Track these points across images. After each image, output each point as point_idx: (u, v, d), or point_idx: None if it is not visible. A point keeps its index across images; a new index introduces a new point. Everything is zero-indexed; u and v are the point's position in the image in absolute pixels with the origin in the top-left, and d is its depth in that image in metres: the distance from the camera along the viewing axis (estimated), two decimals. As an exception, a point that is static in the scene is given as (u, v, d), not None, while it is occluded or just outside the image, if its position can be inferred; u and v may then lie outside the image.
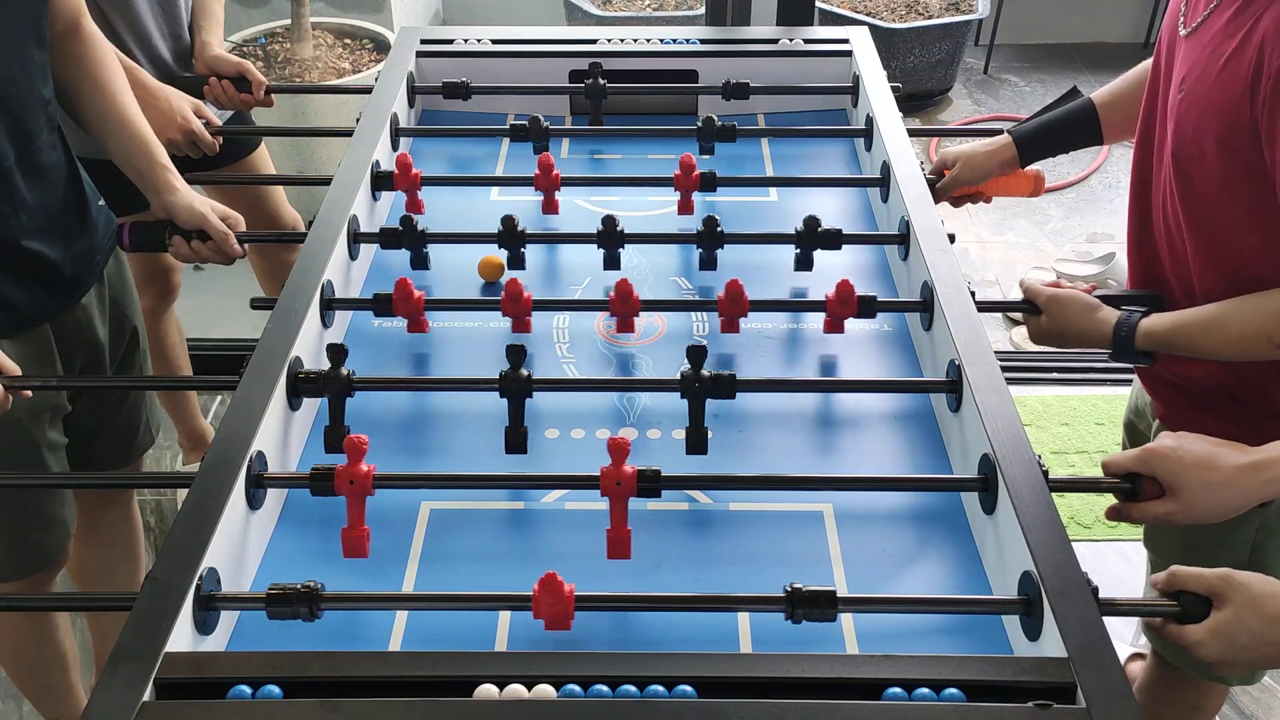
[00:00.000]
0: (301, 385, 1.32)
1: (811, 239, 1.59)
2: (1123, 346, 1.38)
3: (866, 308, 1.47)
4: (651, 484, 1.17)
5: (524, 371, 1.30)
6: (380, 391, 1.44)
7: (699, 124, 1.85)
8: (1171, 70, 1.36)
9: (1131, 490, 1.16)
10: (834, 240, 1.60)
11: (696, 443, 1.31)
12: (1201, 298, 1.36)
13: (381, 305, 1.47)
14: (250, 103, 2.07)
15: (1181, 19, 1.34)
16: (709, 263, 1.62)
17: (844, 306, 1.46)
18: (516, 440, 1.31)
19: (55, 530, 1.66)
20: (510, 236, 1.59)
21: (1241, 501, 1.12)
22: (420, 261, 1.64)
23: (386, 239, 1.61)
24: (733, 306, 1.46)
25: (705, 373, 1.30)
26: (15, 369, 1.35)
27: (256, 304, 1.52)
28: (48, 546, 1.66)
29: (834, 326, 1.49)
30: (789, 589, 1.05)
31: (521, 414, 1.32)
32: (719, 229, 1.59)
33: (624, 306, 1.46)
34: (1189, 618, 1.03)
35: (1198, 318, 1.34)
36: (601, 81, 1.94)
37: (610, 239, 1.59)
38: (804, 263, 1.62)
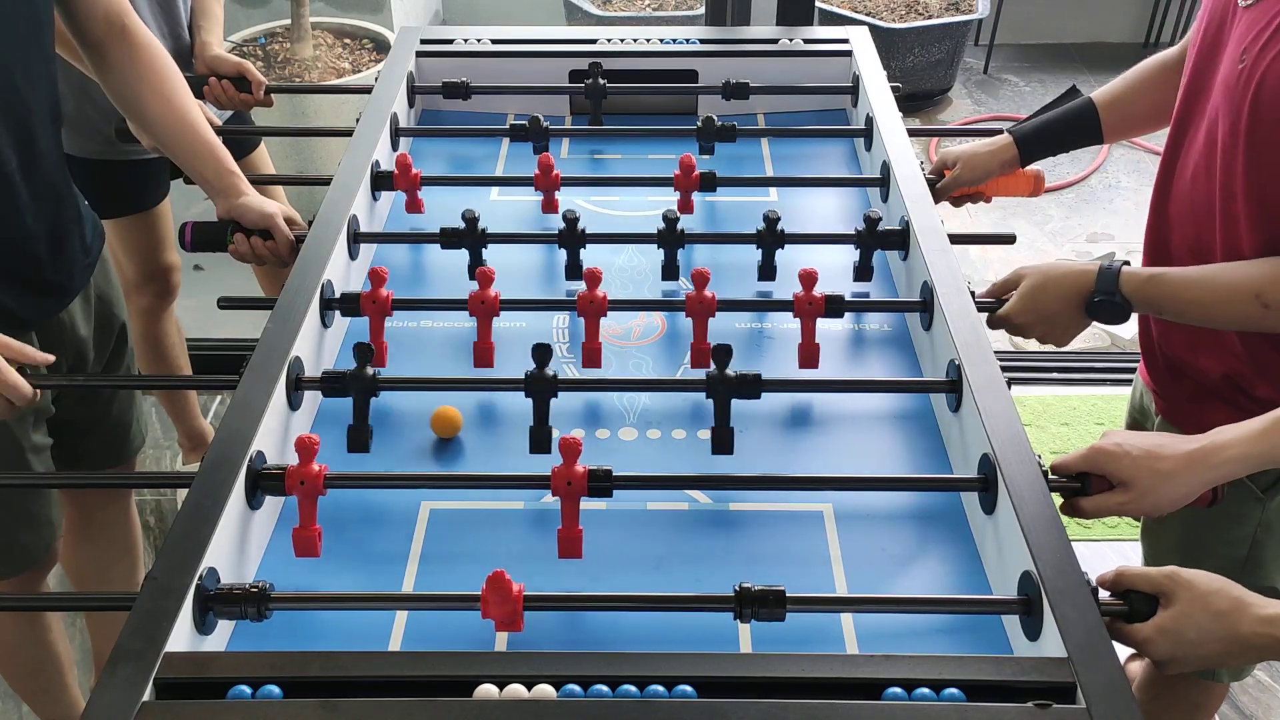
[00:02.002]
0: (327, 385, 1.32)
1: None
2: (1107, 282, 1.37)
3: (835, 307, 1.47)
4: (603, 484, 1.17)
5: (549, 371, 1.30)
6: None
7: (699, 124, 1.85)
8: (1225, 42, 1.34)
9: (1081, 489, 1.18)
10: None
11: (722, 442, 1.30)
12: None
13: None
14: (250, 103, 2.07)
15: None
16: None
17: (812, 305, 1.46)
18: (541, 439, 1.31)
19: (40, 531, 1.66)
20: (572, 234, 1.60)
21: (1191, 488, 1.15)
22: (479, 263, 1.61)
23: (447, 239, 1.61)
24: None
25: (731, 373, 1.30)
26: (47, 359, 1.34)
27: (224, 303, 1.53)
28: (32, 547, 1.65)
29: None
30: (737, 589, 1.05)
31: (546, 413, 1.31)
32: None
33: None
34: (1137, 616, 1.04)
35: (1183, 271, 1.35)
36: (601, 81, 1.94)
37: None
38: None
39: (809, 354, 1.44)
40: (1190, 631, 1.01)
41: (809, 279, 1.43)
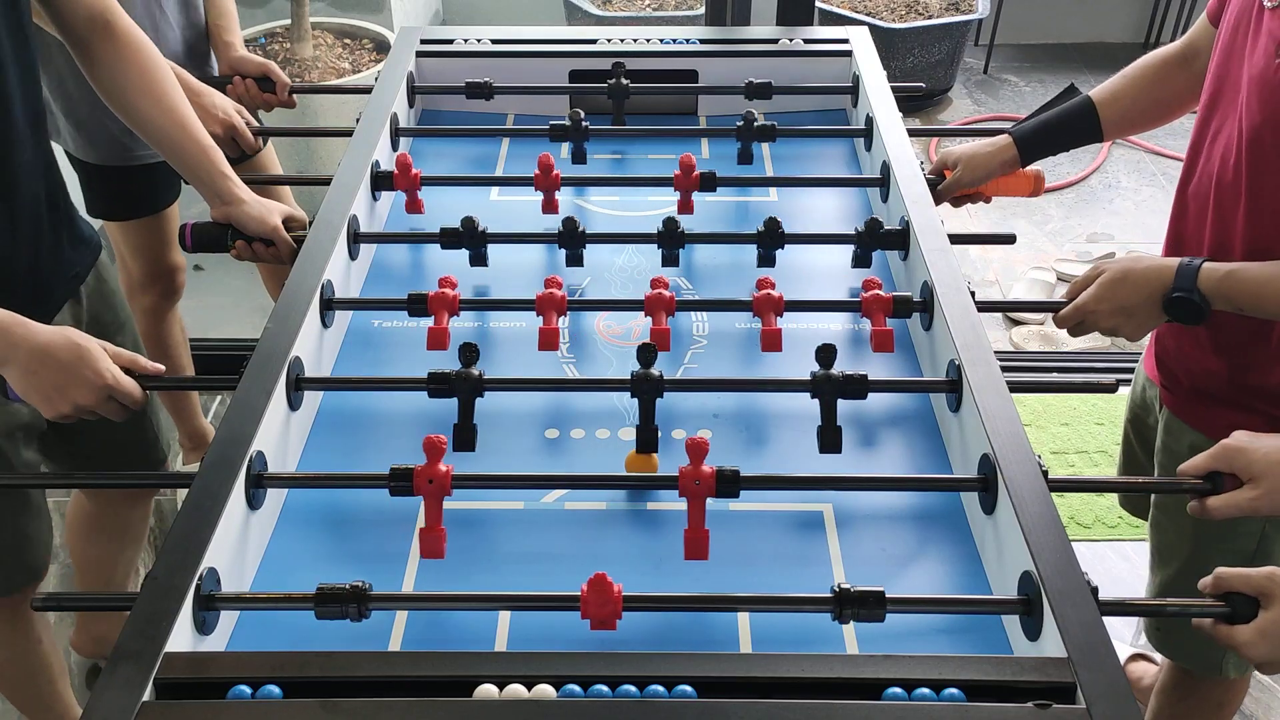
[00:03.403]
0: (432, 386, 1.32)
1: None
2: (1185, 278, 1.36)
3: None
4: (731, 484, 1.17)
5: (656, 372, 1.30)
6: (377, 391, 1.44)
7: (739, 124, 1.85)
8: (1251, 39, 1.35)
9: (1211, 490, 1.17)
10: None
11: (831, 442, 1.30)
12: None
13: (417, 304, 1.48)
14: (273, 103, 2.08)
15: None
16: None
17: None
18: (648, 439, 1.30)
19: (35, 551, 1.64)
20: (571, 236, 1.60)
21: None
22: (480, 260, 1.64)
23: (447, 239, 1.62)
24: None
25: (836, 373, 1.30)
26: (158, 368, 1.35)
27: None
28: (31, 565, 1.64)
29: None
30: (836, 589, 1.05)
31: (652, 413, 1.31)
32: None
33: (660, 303, 1.47)
34: (1238, 618, 1.03)
35: (1260, 267, 1.35)
36: (624, 81, 1.94)
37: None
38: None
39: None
40: None
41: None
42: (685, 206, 1.75)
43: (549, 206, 1.78)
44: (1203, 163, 1.44)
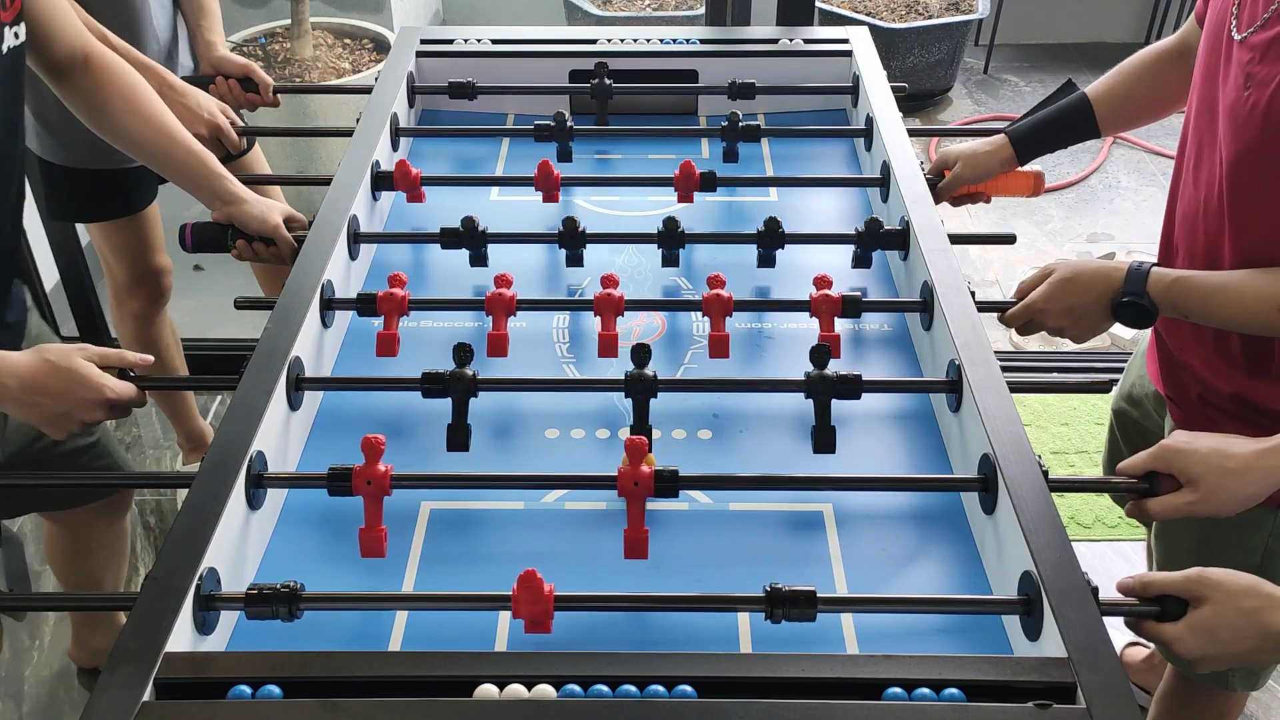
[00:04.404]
0: (426, 386, 1.32)
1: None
2: (1134, 283, 1.36)
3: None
4: (669, 484, 1.17)
5: (650, 372, 1.30)
6: (377, 391, 1.44)
7: (724, 123, 1.84)
8: (1228, 71, 1.35)
9: (1149, 490, 1.17)
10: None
11: (824, 442, 1.31)
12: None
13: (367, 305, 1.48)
14: (257, 103, 2.08)
15: (1234, 22, 1.33)
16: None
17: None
18: (641, 431, 1.30)
19: None
20: (571, 236, 1.60)
21: (1259, 487, 1.14)
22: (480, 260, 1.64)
23: (447, 239, 1.62)
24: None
25: (831, 373, 1.30)
26: (145, 359, 1.33)
27: (241, 303, 1.52)
28: None
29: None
30: (768, 589, 1.05)
31: (646, 413, 1.31)
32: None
33: (609, 303, 1.45)
34: (1168, 618, 1.04)
35: (1209, 278, 1.35)
36: (607, 82, 1.94)
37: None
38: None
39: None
40: (1223, 630, 1.00)
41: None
42: (685, 200, 1.75)
43: (549, 200, 1.77)
44: (1189, 188, 1.44)
